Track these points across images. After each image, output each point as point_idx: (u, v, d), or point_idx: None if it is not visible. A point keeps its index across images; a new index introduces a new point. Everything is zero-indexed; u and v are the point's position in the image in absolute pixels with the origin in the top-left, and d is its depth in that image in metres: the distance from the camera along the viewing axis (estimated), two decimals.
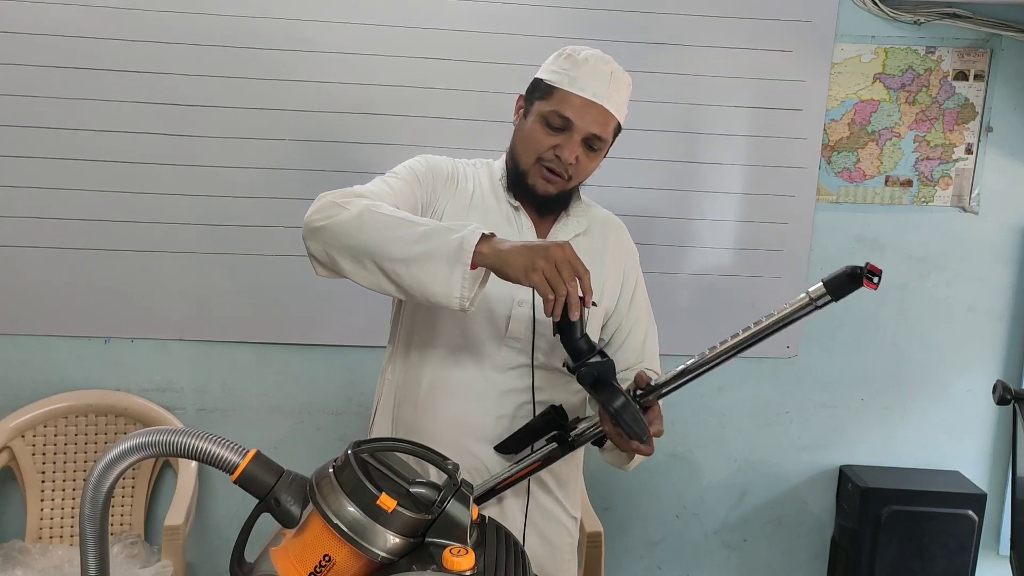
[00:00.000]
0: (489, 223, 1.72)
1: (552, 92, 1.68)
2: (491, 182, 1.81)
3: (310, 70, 2.58)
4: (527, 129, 1.71)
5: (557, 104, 1.67)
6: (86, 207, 2.59)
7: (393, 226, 1.50)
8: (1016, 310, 2.92)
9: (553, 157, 1.69)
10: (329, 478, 1.04)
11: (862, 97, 2.77)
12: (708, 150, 2.74)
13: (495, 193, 1.79)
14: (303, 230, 1.57)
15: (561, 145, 1.68)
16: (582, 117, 1.66)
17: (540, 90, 1.71)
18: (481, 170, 1.84)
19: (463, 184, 1.79)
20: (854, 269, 1.49)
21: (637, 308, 1.91)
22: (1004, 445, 2.97)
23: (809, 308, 1.55)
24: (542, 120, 1.68)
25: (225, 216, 2.64)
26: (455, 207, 1.76)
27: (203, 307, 2.69)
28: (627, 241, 1.93)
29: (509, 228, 1.76)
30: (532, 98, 1.72)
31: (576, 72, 1.67)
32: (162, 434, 1.23)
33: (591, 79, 1.67)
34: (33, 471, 2.61)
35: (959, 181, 2.83)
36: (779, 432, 2.96)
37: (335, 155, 2.63)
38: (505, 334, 1.73)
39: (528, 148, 1.71)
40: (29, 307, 2.64)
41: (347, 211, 1.52)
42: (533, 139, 1.70)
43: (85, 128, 2.56)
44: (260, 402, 2.77)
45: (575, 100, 1.66)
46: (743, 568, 3.06)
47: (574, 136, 1.67)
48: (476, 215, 1.75)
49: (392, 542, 1.01)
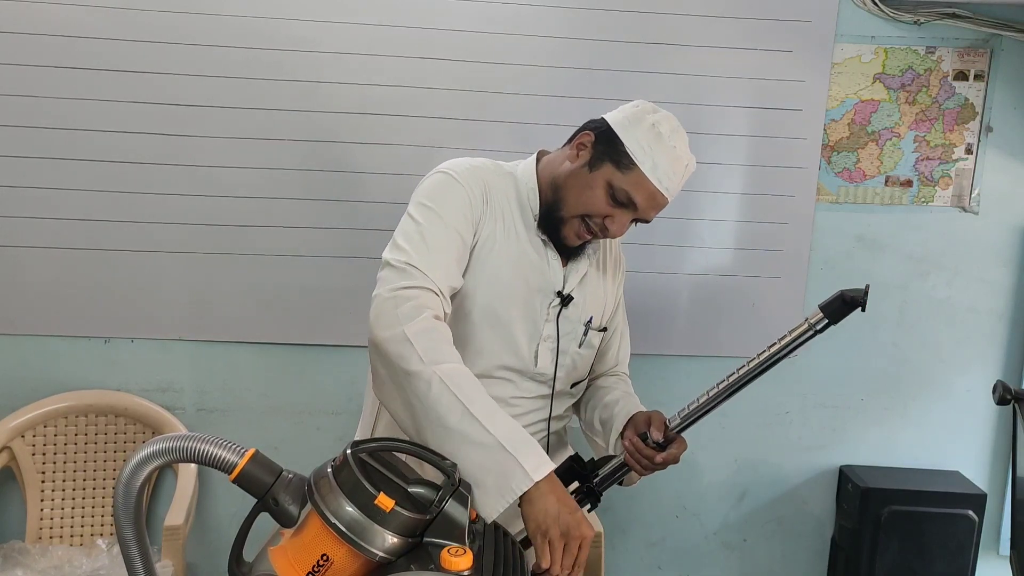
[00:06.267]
0: (520, 255, 1.70)
1: (631, 169, 1.61)
2: (519, 203, 1.73)
3: (310, 70, 2.58)
4: (588, 185, 1.64)
5: (631, 185, 1.61)
6: (86, 207, 2.59)
7: (457, 413, 1.37)
8: (1016, 310, 2.92)
9: (601, 225, 1.66)
10: (327, 478, 1.05)
11: (862, 97, 2.77)
12: (708, 150, 2.73)
13: (524, 219, 1.73)
14: (369, 334, 1.48)
15: (615, 219, 1.65)
16: (648, 205, 1.64)
17: (616, 155, 1.63)
18: (507, 183, 1.75)
19: (494, 204, 1.71)
20: (849, 294, 1.59)
21: (619, 316, 1.96)
22: (1004, 445, 2.97)
23: (809, 334, 1.66)
24: (607, 187, 1.63)
25: (225, 216, 2.64)
26: (489, 232, 1.68)
27: (203, 307, 2.69)
28: (618, 247, 1.94)
29: (539, 259, 1.73)
30: (603, 154, 1.64)
31: (659, 158, 1.61)
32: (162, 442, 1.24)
33: (671, 171, 1.62)
34: (33, 471, 2.61)
35: (959, 181, 2.83)
36: (779, 432, 2.96)
37: (335, 155, 2.63)
38: (535, 368, 1.75)
39: (581, 204, 1.65)
40: (29, 307, 2.64)
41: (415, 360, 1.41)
42: (591, 201, 1.64)
43: (85, 128, 2.55)
44: (260, 402, 2.78)
45: (650, 188, 1.62)
46: (743, 568, 3.06)
47: (630, 215, 1.65)
48: (510, 244, 1.70)
49: (390, 542, 1.02)
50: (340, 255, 2.66)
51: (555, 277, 1.74)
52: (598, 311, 1.84)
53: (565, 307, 1.75)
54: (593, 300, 1.82)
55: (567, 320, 1.77)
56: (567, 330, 1.77)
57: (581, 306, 1.79)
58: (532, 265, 1.72)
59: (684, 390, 2.86)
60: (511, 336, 1.71)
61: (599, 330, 1.85)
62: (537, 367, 1.75)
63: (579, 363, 1.83)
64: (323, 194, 2.64)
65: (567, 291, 1.75)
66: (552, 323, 1.75)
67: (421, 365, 1.39)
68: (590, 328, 1.81)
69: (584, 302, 1.79)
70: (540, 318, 1.74)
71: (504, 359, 1.72)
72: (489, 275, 1.68)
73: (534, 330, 1.73)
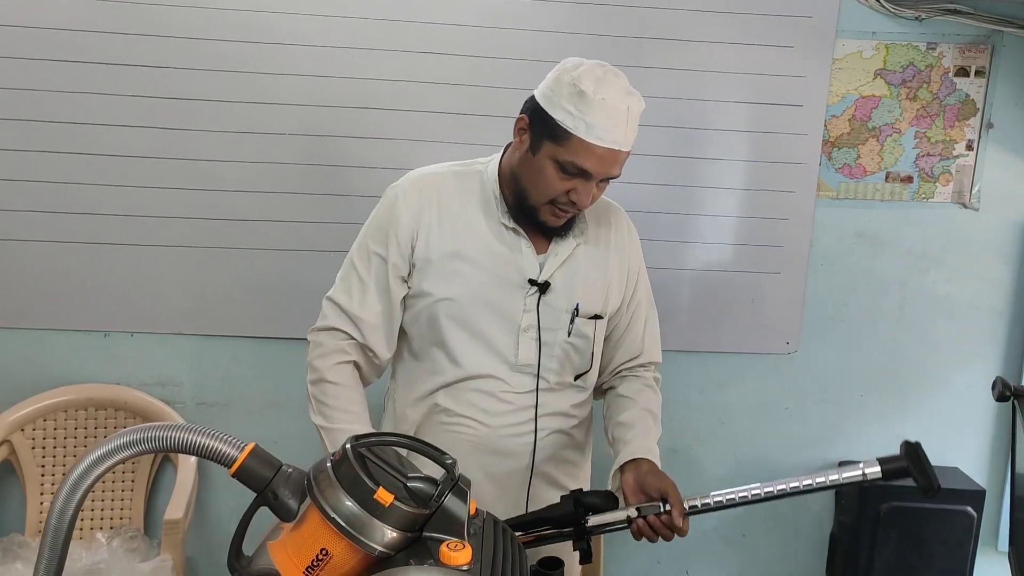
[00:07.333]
0: (481, 247, 1.71)
1: (567, 139, 1.56)
2: (483, 199, 1.74)
3: (309, 65, 2.58)
4: (538, 170, 1.62)
5: (573, 155, 1.57)
6: (85, 201, 2.59)
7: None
8: (1016, 307, 2.92)
9: (568, 201, 1.63)
10: (327, 472, 1.05)
11: (863, 93, 2.77)
12: (708, 146, 2.73)
13: (487, 211, 1.73)
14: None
15: (577, 190, 1.61)
16: (601, 166, 1.58)
17: (550, 130, 1.58)
18: (469, 182, 1.76)
19: (445, 211, 1.72)
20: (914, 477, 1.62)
21: (639, 298, 1.88)
22: (1003, 442, 2.97)
23: (858, 481, 1.64)
24: (556, 166, 1.59)
25: (225, 210, 2.64)
26: (440, 236, 1.70)
27: (203, 301, 2.69)
28: (626, 229, 1.87)
29: (505, 249, 1.72)
30: (540, 134, 1.60)
31: (592, 117, 1.54)
32: (160, 430, 1.23)
33: (609, 124, 1.55)
34: (32, 465, 2.61)
35: (959, 177, 2.83)
36: (778, 428, 2.96)
37: (334, 150, 2.63)
38: (516, 360, 1.74)
39: (540, 191, 1.63)
40: (28, 301, 2.64)
41: (313, 414, 1.75)
42: (547, 184, 1.61)
43: (84, 122, 2.55)
44: (260, 397, 2.77)
45: (595, 151, 1.56)
46: (742, 563, 3.06)
47: (591, 181, 1.61)
48: (466, 240, 1.71)
49: (389, 536, 1.02)
50: (339, 249, 2.62)
51: (528, 266, 1.72)
52: (592, 297, 1.77)
53: (544, 295, 1.72)
54: (583, 286, 1.76)
55: (548, 308, 1.73)
56: (549, 319, 1.73)
57: (564, 293, 1.74)
58: (501, 259, 1.71)
59: (683, 386, 2.87)
60: (487, 336, 1.72)
61: (591, 318, 1.78)
62: (519, 359, 1.73)
63: (574, 354, 1.78)
64: (321, 188, 2.64)
65: (543, 278, 1.72)
66: (532, 313, 1.72)
67: (319, 419, 1.73)
68: (577, 316, 1.75)
69: (569, 288, 1.74)
70: (517, 309, 1.72)
71: (483, 361, 1.73)
72: (452, 282, 1.70)
73: (511, 323, 1.72)
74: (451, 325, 1.72)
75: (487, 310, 1.71)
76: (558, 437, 1.83)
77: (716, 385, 2.90)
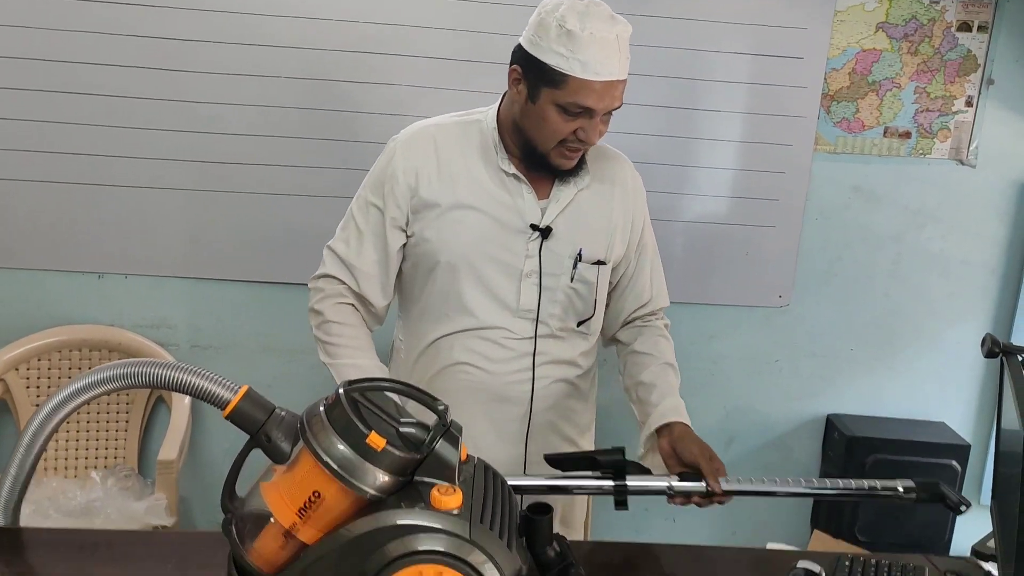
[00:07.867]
0: (482, 193, 1.72)
1: (565, 81, 1.57)
2: (482, 147, 1.74)
3: (307, 7, 2.54)
4: (541, 116, 1.62)
5: (574, 95, 1.57)
6: (81, 141, 2.57)
7: None
8: (1009, 265, 2.93)
9: (576, 139, 1.64)
10: (320, 416, 1.06)
11: (864, 46, 2.74)
12: (706, 97, 2.71)
13: (486, 159, 1.73)
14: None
15: (584, 128, 1.62)
16: (602, 100, 1.59)
17: (546, 76, 1.58)
18: (469, 131, 1.77)
19: (444, 162, 1.73)
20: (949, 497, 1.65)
21: (644, 243, 1.90)
22: (990, 398, 3.01)
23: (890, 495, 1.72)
24: (558, 109, 1.60)
25: (221, 153, 2.62)
26: (440, 185, 1.72)
27: (198, 245, 2.68)
28: (631, 177, 1.87)
29: (506, 195, 1.73)
30: (536, 82, 1.60)
31: (585, 55, 1.55)
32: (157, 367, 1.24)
33: (602, 57, 1.56)
34: (27, 404, 2.63)
35: (958, 134, 2.82)
36: (768, 380, 2.99)
37: (332, 94, 2.60)
38: (518, 305, 1.76)
39: (547, 136, 1.64)
40: (23, 241, 2.63)
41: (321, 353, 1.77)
42: (553, 129, 1.62)
43: (80, 61, 2.52)
44: (254, 341, 2.78)
45: (593, 87, 1.57)
46: (728, 514, 3.08)
47: (596, 117, 1.62)
48: (466, 188, 1.72)
49: (381, 480, 1.03)
50: (336, 195, 2.63)
51: (530, 211, 1.73)
52: (595, 242, 1.78)
53: (546, 240, 1.73)
54: (586, 231, 1.77)
55: (550, 253, 1.74)
56: (551, 264, 1.74)
57: (567, 238, 1.74)
58: (502, 205, 1.72)
59: (673, 336, 2.87)
60: (489, 283, 1.73)
61: (594, 263, 1.78)
62: (520, 304, 1.75)
63: (576, 299, 1.79)
64: (320, 133, 2.62)
65: (544, 223, 1.72)
66: (534, 258, 1.73)
67: (326, 357, 1.75)
68: (580, 261, 1.76)
69: (572, 234, 1.75)
70: (519, 255, 1.73)
71: (486, 308, 1.74)
72: (454, 229, 1.71)
73: (513, 269, 1.73)
74: (453, 273, 1.73)
75: (489, 256, 1.72)
76: (561, 386, 1.85)
77: (707, 336, 2.91)
